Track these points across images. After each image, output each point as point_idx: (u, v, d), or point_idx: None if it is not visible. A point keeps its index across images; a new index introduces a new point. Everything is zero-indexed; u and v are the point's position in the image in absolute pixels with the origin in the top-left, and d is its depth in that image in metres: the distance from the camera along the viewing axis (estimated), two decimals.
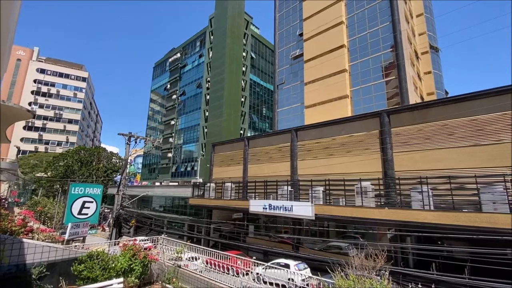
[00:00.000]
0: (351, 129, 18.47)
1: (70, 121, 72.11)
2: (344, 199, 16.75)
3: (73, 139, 71.60)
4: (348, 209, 15.46)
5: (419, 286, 7.78)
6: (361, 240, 17.81)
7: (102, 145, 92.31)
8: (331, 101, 30.50)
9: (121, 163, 63.19)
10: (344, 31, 31.01)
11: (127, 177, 25.87)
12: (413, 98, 26.24)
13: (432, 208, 12.87)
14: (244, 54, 51.95)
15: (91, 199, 15.88)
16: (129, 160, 22.22)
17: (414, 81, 28.53)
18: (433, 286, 7.64)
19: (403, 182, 14.67)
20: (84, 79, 77.15)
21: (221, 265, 11.63)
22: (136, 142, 21.37)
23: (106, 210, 46.74)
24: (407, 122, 15.87)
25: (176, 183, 47.05)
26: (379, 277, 7.69)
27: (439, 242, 16.03)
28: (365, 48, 29.09)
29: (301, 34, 35.92)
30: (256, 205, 20.08)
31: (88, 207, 15.75)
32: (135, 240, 13.77)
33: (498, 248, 10.54)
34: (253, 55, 54.42)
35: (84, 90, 76.34)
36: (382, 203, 15.18)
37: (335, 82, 30.44)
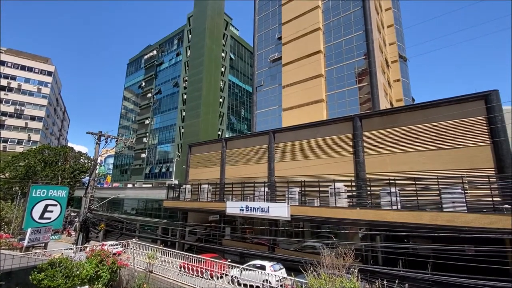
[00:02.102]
0: (326, 132, 19.05)
1: (33, 118, 66.76)
2: (318, 200, 17.20)
3: (36, 137, 66.35)
4: (322, 210, 15.89)
5: (385, 282, 8.18)
6: (334, 239, 18.39)
7: (69, 145, 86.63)
8: (308, 105, 31.26)
9: (90, 164, 59.67)
10: (320, 37, 31.99)
11: (96, 179, 24.50)
12: (384, 104, 27.70)
13: (399, 208, 13.63)
14: (223, 54, 51.63)
15: (54, 202, 14.81)
16: (99, 161, 21.05)
17: (384, 88, 30.14)
18: (397, 282, 8.08)
19: (374, 183, 15.39)
20: (50, 73, 71.97)
21: (195, 268, 11.38)
22: (107, 142, 20.30)
23: (72, 214, 43.98)
24: (377, 126, 16.69)
25: (150, 185, 45.41)
26: (349, 275, 7.98)
27: (405, 240, 17.00)
28: (340, 54, 30.23)
29: (280, 38, 36.48)
30: (233, 207, 19.95)
31: (52, 211, 14.67)
32: (104, 245, 13.06)
33: (457, 244, 11.41)
34: (232, 56, 54.26)
35: (49, 85, 71.17)
36: (354, 204, 15.79)
37: (312, 86, 31.26)
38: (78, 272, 9.41)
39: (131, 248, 13.37)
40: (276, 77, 36.13)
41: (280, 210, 17.21)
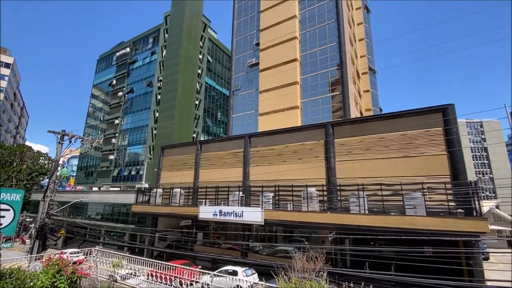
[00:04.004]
0: (301, 138, 19.53)
1: None
2: (292, 204, 17.49)
3: None
4: (295, 214, 16.18)
5: (351, 285, 8.52)
6: (306, 243, 18.77)
7: (27, 143, 79.51)
8: (283, 111, 31.87)
9: (50, 165, 55.16)
10: (297, 46, 32.94)
11: (57, 181, 22.72)
12: (354, 113, 29.11)
13: (366, 212, 14.31)
14: (200, 56, 50.99)
15: (7, 207, 13.42)
16: (61, 162, 19.56)
17: (355, 97, 31.73)
18: (362, 284, 8.45)
19: (344, 188, 16.03)
20: (7, 65, 65.79)
21: (163, 276, 10.93)
22: (71, 142, 18.94)
23: (27, 219, 40.24)
24: (348, 134, 17.48)
25: (118, 188, 43.07)
26: (319, 279, 8.19)
27: (372, 243, 17.85)
28: (315, 63, 31.34)
29: (258, 44, 36.94)
30: (206, 212, 19.58)
31: (3, 216, 13.27)
32: (63, 253, 12.09)
33: (417, 246, 12.23)
34: (209, 58, 53.80)
35: (6, 78, 64.98)
36: (325, 208, 16.29)
37: (288, 93, 31.97)
38: (31, 284, 8.59)
39: (93, 256, 12.51)
40: (253, 82, 36.42)
41: (254, 215, 17.22)
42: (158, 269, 11.61)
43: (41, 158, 59.76)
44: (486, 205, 32.54)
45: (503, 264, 22.16)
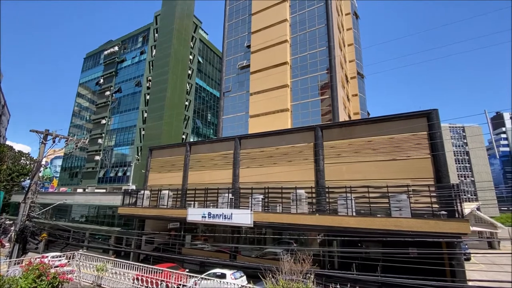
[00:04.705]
0: (290, 140, 19.66)
1: None
2: (281, 206, 17.54)
3: None
4: (284, 216, 16.23)
5: (338, 286, 8.61)
6: (295, 245, 18.85)
7: (8, 143, 76.35)
8: (274, 113, 32.03)
9: (32, 166, 53.11)
10: (287, 49, 33.25)
11: (39, 182, 21.94)
12: (343, 116, 29.61)
13: (354, 214, 14.53)
14: (191, 57, 50.62)
15: None
16: (43, 162, 18.90)
17: (344, 101, 32.28)
18: (348, 285, 8.56)
19: (332, 190, 16.23)
20: None
21: (149, 280, 10.72)
22: (54, 142, 18.34)
23: (7, 222, 38.60)
24: (337, 137, 17.74)
25: (104, 190, 41.96)
26: (306, 280, 8.23)
27: (359, 245, 18.13)
28: (305, 67, 31.72)
29: (249, 46, 37.04)
30: (195, 214, 19.36)
31: None
32: (44, 257, 11.65)
33: (402, 248, 12.52)
34: (200, 59, 53.48)
35: None
36: (314, 210, 16.43)
37: (278, 95, 32.17)
38: None
39: (76, 260, 12.11)
40: (244, 84, 36.45)
41: (243, 217, 17.16)
42: (144, 273, 11.36)
43: (22, 158, 57.54)
44: (468, 207, 33.73)
45: (484, 264, 22.97)
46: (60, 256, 17.96)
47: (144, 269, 11.53)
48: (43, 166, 19.88)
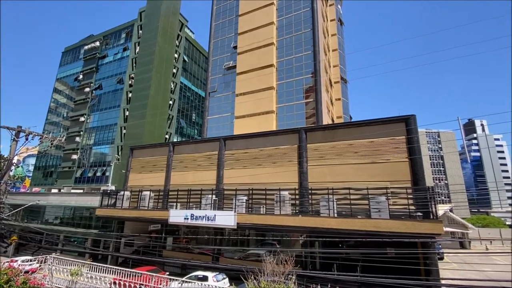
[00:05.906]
0: (275, 142, 19.80)
1: None
2: (264, 208, 17.59)
3: None
4: (267, 217, 16.29)
5: (318, 287, 8.76)
6: (278, 246, 18.96)
7: None
8: (259, 115, 32.15)
9: (3, 164, 49.90)
10: (274, 52, 33.54)
11: (10, 182, 20.66)
12: (326, 120, 30.24)
13: (335, 215, 14.84)
14: (176, 55, 49.78)
15: None
16: (15, 161, 17.81)
17: (327, 105, 32.99)
18: (329, 286, 8.73)
19: (315, 192, 16.49)
20: None
21: (127, 284, 10.37)
22: (27, 139, 17.34)
23: None
24: (320, 139, 18.07)
25: (81, 190, 40.23)
26: (288, 281, 8.30)
27: (340, 245, 18.53)
28: (291, 70, 32.13)
29: (235, 47, 36.99)
30: (177, 216, 18.99)
31: None
32: (13, 261, 10.97)
33: (381, 248, 12.94)
34: (186, 58, 52.73)
35: None
36: (297, 211, 16.62)
37: (264, 97, 32.34)
38: None
39: (49, 264, 11.50)
40: (230, 85, 36.32)
41: (226, 219, 17.04)
42: (123, 277, 10.98)
43: None
44: (442, 209, 35.41)
45: (456, 263, 24.22)
46: (31, 260, 17.01)
47: (122, 273, 11.14)
48: (14, 164, 18.74)
